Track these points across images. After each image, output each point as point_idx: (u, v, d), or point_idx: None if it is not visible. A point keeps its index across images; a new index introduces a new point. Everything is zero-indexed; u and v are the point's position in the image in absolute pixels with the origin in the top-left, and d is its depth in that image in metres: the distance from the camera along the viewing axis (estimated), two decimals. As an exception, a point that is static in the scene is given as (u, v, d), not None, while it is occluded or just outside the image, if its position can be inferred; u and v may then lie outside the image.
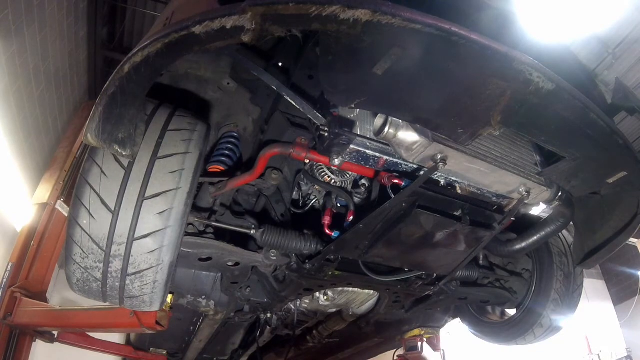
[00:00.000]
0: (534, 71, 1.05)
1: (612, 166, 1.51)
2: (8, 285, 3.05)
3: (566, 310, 2.33)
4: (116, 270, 1.36)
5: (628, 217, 1.70)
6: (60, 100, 4.57)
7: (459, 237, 1.68)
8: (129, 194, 1.34)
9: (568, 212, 1.80)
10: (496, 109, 1.19)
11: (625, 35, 5.16)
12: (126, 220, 1.33)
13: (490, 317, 2.80)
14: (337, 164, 1.51)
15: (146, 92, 1.20)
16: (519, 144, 1.68)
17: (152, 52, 1.03)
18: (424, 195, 1.51)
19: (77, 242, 1.35)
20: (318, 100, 1.55)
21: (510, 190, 1.68)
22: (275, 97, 1.68)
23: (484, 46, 0.98)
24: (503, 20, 1.42)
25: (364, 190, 1.82)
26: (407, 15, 0.90)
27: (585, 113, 1.20)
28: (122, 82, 1.11)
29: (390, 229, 1.59)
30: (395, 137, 1.39)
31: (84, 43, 4.85)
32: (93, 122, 1.18)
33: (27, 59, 3.58)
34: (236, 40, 0.96)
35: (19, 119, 3.74)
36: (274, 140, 1.68)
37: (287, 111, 1.71)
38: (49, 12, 3.72)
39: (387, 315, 2.55)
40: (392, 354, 3.46)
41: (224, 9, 0.93)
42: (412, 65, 1.07)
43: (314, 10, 0.88)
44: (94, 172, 1.36)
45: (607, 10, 4.74)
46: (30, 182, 4.06)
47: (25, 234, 3.35)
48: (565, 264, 2.34)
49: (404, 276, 1.94)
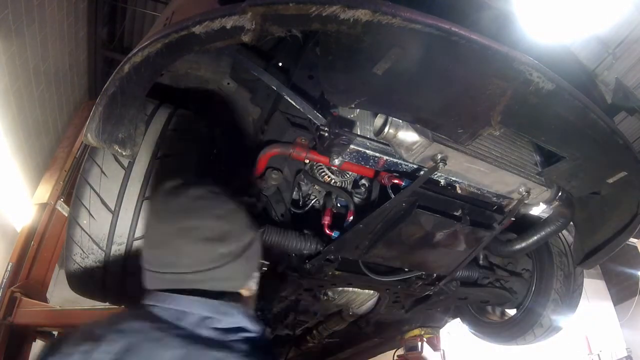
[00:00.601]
0: (534, 71, 1.05)
1: (612, 166, 1.51)
2: (8, 285, 3.04)
3: (566, 310, 2.32)
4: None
5: (628, 217, 1.70)
6: (60, 100, 4.57)
7: (459, 237, 1.68)
8: (129, 194, 1.34)
9: (568, 212, 1.80)
10: (496, 109, 1.19)
11: (625, 35, 5.16)
12: (126, 220, 1.33)
13: (490, 317, 2.80)
14: (337, 164, 1.51)
15: (146, 92, 1.20)
16: (519, 144, 1.68)
17: (152, 52, 1.03)
18: (424, 195, 1.51)
19: (77, 242, 1.35)
20: (318, 100, 1.55)
21: (510, 190, 1.68)
22: (275, 97, 1.68)
23: (484, 46, 0.98)
24: (503, 20, 1.42)
25: (364, 190, 1.82)
26: (407, 15, 0.90)
27: (585, 113, 1.20)
28: (122, 82, 1.11)
29: (390, 229, 1.59)
30: (395, 137, 1.39)
31: (84, 43, 4.85)
32: (93, 122, 1.19)
33: (27, 59, 3.58)
34: (236, 40, 0.96)
35: (19, 119, 3.74)
36: (274, 140, 1.68)
37: (287, 111, 1.71)
38: (49, 12, 3.72)
39: (387, 315, 2.55)
40: (392, 354, 3.46)
41: (224, 9, 0.93)
42: (412, 65, 1.07)
43: (314, 10, 0.88)
44: (94, 172, 1.36)
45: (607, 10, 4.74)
46: (30, 182, 4.06)
47: (25, 234, 3.35)
48: (565, 264, 2.34)
49: (404, 276, 1.94)
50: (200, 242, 0.91)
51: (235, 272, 0.96)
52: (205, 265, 0.91)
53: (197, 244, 0.91)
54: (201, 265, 0.91)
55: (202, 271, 0.91)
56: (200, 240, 0.91)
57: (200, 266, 0.91)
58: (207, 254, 0.92)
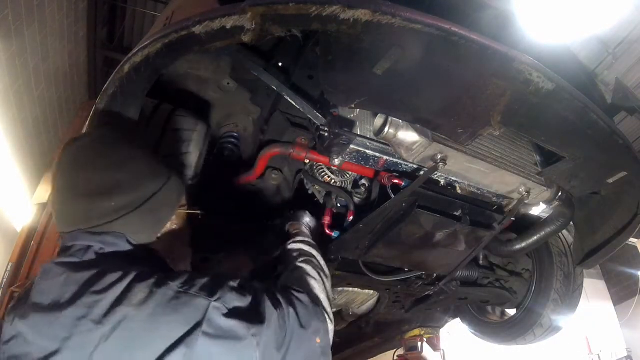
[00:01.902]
0: (534, 71, 1.05)
1: (612, 166, 1.51)
2: (8, 285, 3.05)
3: (566, 310, 2.32)
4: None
5: (628, 217, 1.70)
6: (60, 100, 4.57)
7: (459, 237, 1.68)
8: (129, 194, 1.34)
9: (568, 212, 1.80)
10: (496, 109, 1.19)
11: (625, 35, 5.16)
12: (126, 220, 1.32)
13: (490, 317, 2.80)
14: (337, 164, 1.51)
15: (146, 92, 1.20)
16: (519, 144, 1.68)
17: (152, 52, 1.03)
18: (424, 195, 1.51)
19: (77, 242, 1.35)
20: (318, 100, 1.55)
21: (510, 190, 1.68)
22: (275, 97, 1.68)
23: (483, 46, 0.98)
24: (503, 20, 1.42)
25: (364, 190, 1.82)
26: (407, 15, 0.90)
27: (585, 113, 1.20)
28: (122, 82, 1.11)
29: (390, 229, 1.59)
30: (395, 137, 1.39)
31: (84, 43, 4.85)
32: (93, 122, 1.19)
33: (27, 59, 3.58)
34: (236, 40, 0.96)
35: (19, 119, 3.74)
36: (274, 140, 1.68)
37: (287, 111, 1.71)
38: (49, 12, 3.72)
39: (387, 315, 2.55)
40: (392, 354, 3.46)
41: (224, 9, 0.93)
42: (412, 65, 1.07)
43: (314, 10, 0.89)
44: (94, 172, 1.36)
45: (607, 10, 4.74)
46: (30, 182, 4.06)
47: (25, 234, 3.35)
48: (565, 264, 2.34)
49: (404, 276, 1.94)
50: (87, 196, 0.88)
51: (134, 226, 0.92)
52: (97, 221, 0.88)
53: (84, 198, 0.88)
54: (92, 221, 0.88)
55: (98, 226, 0.88)
56: (86, 194, 0.88)
57: (90, 222, 0.88)
58: (96, 209, 0.88)
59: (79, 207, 0.89)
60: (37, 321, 0.78)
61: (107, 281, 0.79)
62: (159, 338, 0.74)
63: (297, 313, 0.92)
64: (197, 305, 0.78)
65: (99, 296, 0.77)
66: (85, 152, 0.94)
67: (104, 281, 0.79)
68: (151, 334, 0.75)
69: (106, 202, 0.89)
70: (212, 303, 0.78)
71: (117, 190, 0.90)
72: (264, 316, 0.84)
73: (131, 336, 0.74)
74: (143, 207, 0.92)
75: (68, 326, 0.76)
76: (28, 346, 0.77)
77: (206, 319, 0.76)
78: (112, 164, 0.92)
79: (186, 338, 0.74)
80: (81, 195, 0.89)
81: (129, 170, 0.93)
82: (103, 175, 0.90)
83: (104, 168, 0.91)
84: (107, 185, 0.89)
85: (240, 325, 0.79)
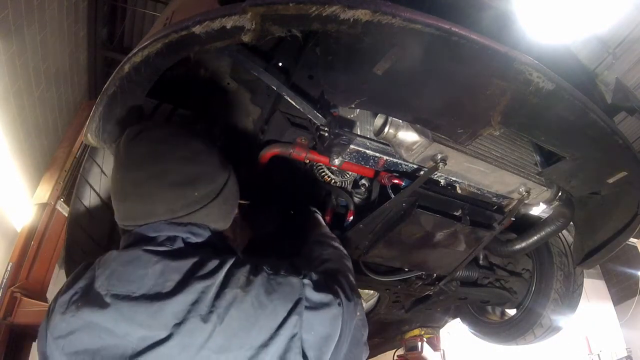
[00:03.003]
0: (534, 71, 1.05)
1: (612, 166, 1.51)
2: (8, 285, 3.05)
3: (566, 310, 2.32)
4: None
5: (628, 217, 1.70)
6: (60, 100, 4.57)
7: (459, 237, 1.68)
8: (129, 194, 1.34)
9: (568, 212, 1.80)
10: (496, 109, 1.19)
11: (625, 35, 5.16)
12: (126, 220, 1.32)
13: (490, 317, 2.80)
14: (337, 164, 1.51)
15: (146, 92, 1.20)
16: (519, 144, 1.68)
17: (152, 52, 1.03)
18: (424, 195, 1.51)
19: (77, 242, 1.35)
20: (318, 100, 1.55)
21: (510, 190, 1.68)
22: (275, 97, 1.67)
23: (484, 46, 0.98)
24: (503, 20, 1.42)
25: (364, 190, 1.82)
26: (407, 15, 0.90)
27: (585, 113, 1.20)
28: (122, 82, 1.11)
29: (390, 229, 1.59)
30: (395, 137, 1.39)
31: (84, 43, 4.86)
32: (93, 122, 1.19)
33: (27, 59, 3.58)
34: (236, 40, 0.96)
35: (19, 119, 3.74)
36: (274, 140, 1.68)
37: (287, 111, 1.70)
38: (49, 12, 3.72)
39: (387, 315, 2.55)
40: (392, 354, 3.46)
41: (224, 9, 0.93)
42: (412, 66, 1.07)
43: (314, 10, 0.88)
44: (94, 172, 1.36)
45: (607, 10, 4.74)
46: (30, 182, 4.06)
47: (25, 234, 3.35)
48: (565, 264, 2.34)
49: (404, 276, 1.94)
50: (172, 187, 0.89)
51: (213, 215, 0.95)
52: (181, 212, 0.90)
53: (169, 189, 0.89)
54: (177, 212, 0.90)
55: (179, 217, 0.90)
56: (171, 185, 0.89)
57: (175, 213, 0.89)
58: (181, 199, 0.90)
59: (163, 197, 0.90)
60: (127, 310, 0.78)
61: (209, 267, 0.83)
62: (271, 314, 0.81)
63: (349, 287, 0.99)
64: (292, 284, 0.87)
65: (207, 281, 0.81)
66: (160, 145, 0.95)
67: (206, 267, 0.83)
68: (262, 312, 0.81)
69: (190, 193, 0.91)
70: (303, 280, 0.88)
71: (198, 181, 0.93)
72: (334, 289, 0.93)
73: (245, 316, 0.80)
74: (219, 196, 0.96)
75: (180, 312, 0.78)
76: (111, 337, 0.77)
77: (304, 294, 0.86)
78: (191, 156, 0.95)
79: (292, 313, 0.82)
80: (166, 187, 0.90)
81: (205, 162, 0.97)
82: (185, 167, 0.92)
83: (185, 160, 0.93)
84: (190, 177, 0.92)
85: (327, 297, 0.89)
